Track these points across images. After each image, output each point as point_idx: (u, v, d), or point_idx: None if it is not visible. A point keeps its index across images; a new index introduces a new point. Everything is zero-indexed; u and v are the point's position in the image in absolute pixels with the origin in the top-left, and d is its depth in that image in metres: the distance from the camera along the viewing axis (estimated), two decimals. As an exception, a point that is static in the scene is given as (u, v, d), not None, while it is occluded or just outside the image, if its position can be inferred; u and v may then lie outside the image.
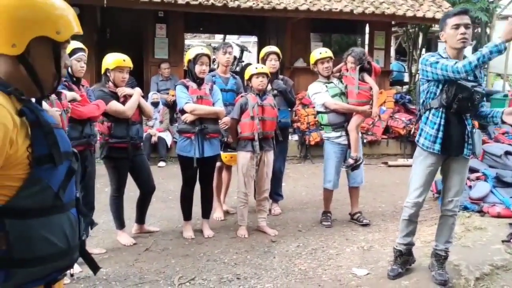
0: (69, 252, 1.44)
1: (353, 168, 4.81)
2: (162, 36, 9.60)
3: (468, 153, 3.36)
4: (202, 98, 4.34)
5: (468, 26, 3.23)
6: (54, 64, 1.42)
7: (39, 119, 1.34)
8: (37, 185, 1.33)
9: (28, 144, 1.31)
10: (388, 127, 9.14)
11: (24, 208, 1.31)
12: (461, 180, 3.49)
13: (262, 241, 4.45)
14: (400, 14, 9.49)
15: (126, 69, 4.11)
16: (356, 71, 4.77)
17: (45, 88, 1.43)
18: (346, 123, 4.78)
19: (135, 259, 3.98)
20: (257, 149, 4.44)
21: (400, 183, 6.84)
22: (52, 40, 1.39)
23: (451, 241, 3.57)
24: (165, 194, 5.93)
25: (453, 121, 3.32)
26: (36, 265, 1.34)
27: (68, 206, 1.44)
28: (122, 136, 4.10)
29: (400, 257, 3.69)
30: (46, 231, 1.36)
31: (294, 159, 8.32)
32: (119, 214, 4.32)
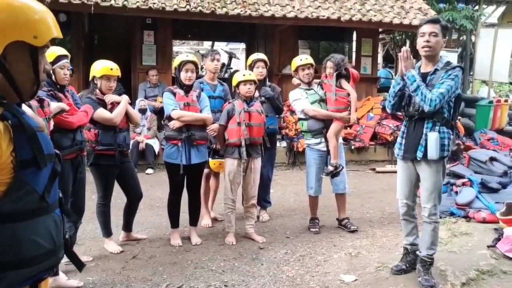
0: (55, 252, 1.47)
1: (333, 175, 4.82)
2: (150, 43, 9.59)
3: (420, 156, 3.44)
4: (189, 105, 4.34)
5: (434, 35, 3.36)
6: (32, 69, 1.42)
7: (22, 123, 1.35)
8: (22, 189, 1.34)
9: (12, 149, 1.31)
10: (375, 134, 9.21)
11: (10, 212, 1.32)
12: (429, 186, 3.52)
13: (250, 248, 4.44)
14: (386, 21, 9.59)
15: (114, 77, 4.10)
16: (333, 78, 4.80)
17: (24, 93, 1.43)
18: (325, 130, 4.80)
19: (122, 267, 3.95)
20: (244, 155, 4.45)
21: (388, 189, 6.89)
22: (30, 44, 1.38)
23: (433, 248, 3.60)
24: (153, 201, 5.90)
25: (411, 127, 3.54)
26: (24, 267, 1.36)
27: (53, 207, 1.46)
28: (109, 144, 4.08)
29: (406, 255, 3.81)
30: (33, 233, 1.37)
31: (282, 166, 8.34)
32: (105, 222, 4.29)
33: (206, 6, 8.60)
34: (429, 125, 3.43)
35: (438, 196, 3.55)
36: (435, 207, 3.54)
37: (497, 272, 3.73)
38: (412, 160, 3.56)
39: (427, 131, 3.42)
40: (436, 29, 3.37)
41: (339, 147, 4.87)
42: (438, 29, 3.38)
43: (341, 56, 5.05)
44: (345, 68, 4.85)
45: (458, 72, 3.37)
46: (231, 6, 8.82)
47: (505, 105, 11.04)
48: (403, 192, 3.72)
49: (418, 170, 3.57)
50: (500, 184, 5.44)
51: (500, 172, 5.72)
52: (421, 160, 3.48)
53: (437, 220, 3.57)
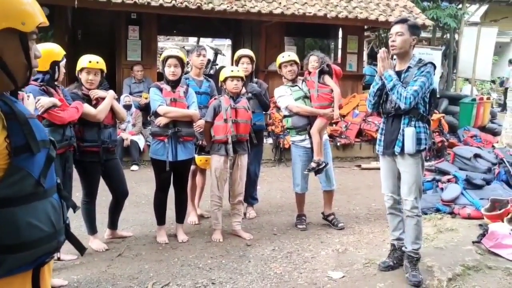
0: (55, 236, 1.51)
1: (316, 172, 4.81)
2: (135, 38, 9.49)
3: (398, 150, 3.53)
4: (176, 100, 4.28)
5: (400, 34, 3.51)
6: (24, 55, 1.46)
7: (13, 110, 1.40)
8: (18, 174, 1.39)
9: (6, 135, 1.36)
10: (361, 130, 9.24)
11: (7, 197, 1.36)
12: (409, 179, 3.55)
13: (237, 245, 4.41)
14: (372, 18, 9.64)
15: (94, 70, 4.01)
16: (315, 75, 4.80)
17: (18, 79, 1.47)
18: (309, 126, 4.80)
19: (107, 265, 3.89)
20: (231, 152, 4.41)
21: (374, 185, 6.92)
22: (19, 31, 1.42)
23: (418, 243, 3.62)
24: (138, 198, 5.83)
25: (388, 124, 3.65)
26: (24, 250, 1.40)
27: (50, 192, 1.51)
28: (93, 140, 4.01)
29: (394, 251, 3.83)
30: (31, 217, 1.41)
31: (268, 163, 8.33)
32: (91, 219, 4.22)
33: (192, 2, 8.53)
34: (406, 120, 3.52)
35: (419, 189, 3.58)
36: (416, 200, 3.57)
37: (482, 267, 3.75)
38: (392, 155, 3.63)
39: (404, 127, 3.51)
40: (403, 29, 3.50)
41: (324, 144, 4.86)
42: (405, 28, 3.50)
43: (322, 53, 5.06)
44: (327, 65, 4.85)
45: (430, 68, 3.47)
46: (217, 2, 8.75)
47: (488, 102, 11.21)
48: (387, 186, 3.78)
49: (398, 165, 3.63)
50: (484, 180, 5.49)
51: (484, 169, 5.77)
52: (399, 154, 3.56)
53: (419, 214, 3.59)
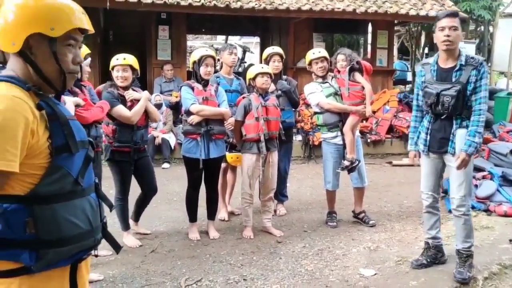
0: (92, 234, 1.57)
1: (349, 170, 4.78)
2: (164, 37, 9.61)
3: (451, 151, 3.43)
4: (208, 99, 4.33)
5: (454, 29, 3.32)
6: (54, 60, 1.50)
7: (55, 111, 1.46)
8: (58, 172, 1.45)
9: (48, 135, 1.43)
10: (392, 127, 9.12)
11: (48, 194, 1.43)
12: (459, 176, 3.46)
13: (268, 242, 4.43)
14: (402, 13, 9.48)
15: (123, 67, 4.06)
16: (345, 72, 4.76)
17: (55, 83, 1.53)
18: (340, 123, 4.76)
19: (141, 261, 3.97)
20: (264, 150, 4.43)
21: (405, 182, 6.83)
22: (48, 36, 1.47)
23: (469, 241, 3.53)
24: (170, 195, 5.92)
25: (437, 123, 3.51)
26: (62, 245, 1.46)
27: (88, 191, 1.57)
28: (126, 141, 4.08)
29: (427, 250, 3.77)
30: (69, 214, 1.48)
31: (298, 160, 8.31)
32: (124, 216, 4.31)
33: (221, 0, 8.58)
34: (458, 121, 3.41)
35: (469, 187, 3.49)
36: (465, 198, 3.46)
37: (520, 266, 3.67)
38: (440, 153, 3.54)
39: (456, 128, 3.41)
40: (456, 23, 3.33)
41: (356, 141, 4.83)
42: (457, 22, 3.35)
43: (349, 50, 5.02)
44: (356, 62, 4.81)
45: (485, 68, 3.39)
46: (246, 0, 8.77)
47: (525, 96, 10.86)
48: (428, 185, 3.68)
49: (448, 162, 3.52)
50: (521, 177, 5.34)
51: (521, 165, 5.62)
52: (450, 153, 3.46)
53: (466, 213, 3.49)
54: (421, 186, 3.74)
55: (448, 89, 3.36)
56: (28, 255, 1.41)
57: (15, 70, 1.48)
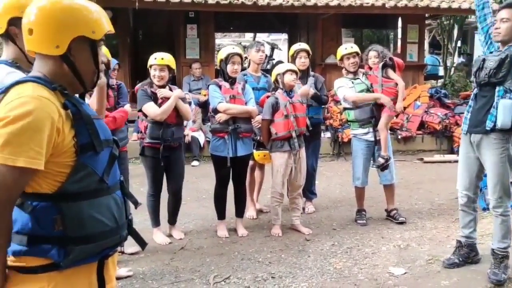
0: (118, 230, 1.60)
1: (383, 168, 4.73)
2: (193, 36, 9.68)
3: (490, 125, 3.28)
4: (235, 97, 4.34)
5: (504, 20, 3.24)
6: (93, 61, 1.58)
7: (80, 111, 1.50)
8: (83, 170, 1.49)
9: (73, 134, 1.47)
10: (423, 123, 8.94)
11: (74, 192, 1.47)
12: (492, 176, 3.35)
13: (296, 240, 4.42)
14: (434, 6, 9.27)
15: (161, 67, 4.11)
16: (378, 69, 4.70)
17: (87, 83, 1.59)
18: (373, 119, 4.70)
19: (170, 258, 4.02)
20: (297, 146, 4.43)
21: (437, 179, 6.70)
22: (89, 39, 1.53)
23: (505, 242, 3.43)
24: (199, 193, 5.97)
25: (479, 97, 3.41)
26: (89, 242, 1.50)
27: (113, 189, 1.60)
28: (156, 137, 4.14)
29: (460, 248, 3.69)
30: (95, 211, 1.51)
31: (327, 157, 8.24)
32: (154, 212, 4.36)
33: (248, -2, 8.58)
34: (500, 92, 3.27)
35: (504, 188, 3.36)
36: (501, 200, 3.37)
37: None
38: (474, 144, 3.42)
39: (498, 99, 3.26)
40: (509, 14, 3.23)
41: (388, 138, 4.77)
42: (508, 14, 3.23)
43: (381, 46, 4.95)
44: (389, 58, 4.74)
45: None
46: (273, -3, 8.75)
47: None
48: (463, 183, 3.59)
49: (482, 159, 3.42)
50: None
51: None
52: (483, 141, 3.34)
53: (504, 213, 3.38)
54: (457, 184, 3.65)
55: (495, 56, 3.29)
56: (56, 251, 1.45)
57: (44, 70, 1.52)
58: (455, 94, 11.33)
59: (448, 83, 12.50)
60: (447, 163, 7.71)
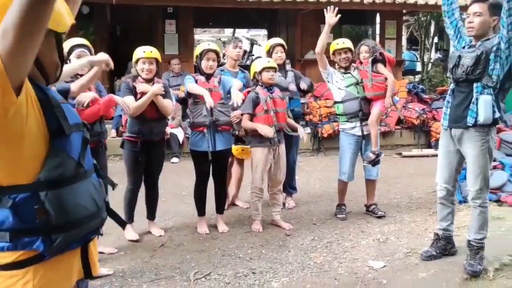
0: (98, 213, 1.62)
1: (374, 164, 4.77)
2: (171, 32, 9.60)
3: (471, 121, 3.33)
4: (212, 90, 4.32)
5: (478, 14, 3.29)
6: (57, 54, 1.57)
7: (48, 96, 1.49)
8: (59, 156, 1.48)
9: (44, 119, 1.45)
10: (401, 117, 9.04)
11: (53, 179, 1.45)
12: (475, 168, 3.40)
13: (276, 235, 4.43)
14: (411, 2, 9.37)
15: (149, 60, 4.08)
16: (368, 64, 4.73)
17: (50, 76, 1.57)
18: (360, 112, 4.73)
19: (150, 256, 3.99)
20: (276, 141, 4.43)
21: (415, 173, 6.79)
22: (54, 31, 1.51)
23: (482, 233, 3.48)
24: (179, 189, 5.94)
25: (457, 93, 3.45)
26: (73, 228, 1.50)
27: (89, 172, 1.62)
28: (134, 132, 4.15)
29: (437, 241, 3.74)
30: (76, 197, 1.52)
31: (307, 152, 8.29)
32: (130, 207, 4.31)
33: (227, -7, 8.55)
34: (478, 88, 3.31)
35: (485, 180, 3.42)
36: (481, 191, 3.42)
37: (532, 257, 3.62)
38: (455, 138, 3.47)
39: (477, 95, 3.30)
40: (481, 9, 3.28)
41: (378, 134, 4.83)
42: (484, 8, 3.28)
43: (373, 41, 4.99)
44: (380, 53, 4.78)
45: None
46: (252, -8, 8.73)
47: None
48: (443, 177, 3.63)
49: (463, 151, 3.46)
50: (533, 166, 5.28)
51: (533, 154, 5.55)
52: (464, 135, 3.39)
53: (482, 205, 3.44)
54: (437, 177, 3.70)
55: (470, 52, 3.33)
56: (41, 242, 1.44)
57: None
58: (432, 89, 11.50)
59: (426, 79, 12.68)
60: (425, 158, 7.83)
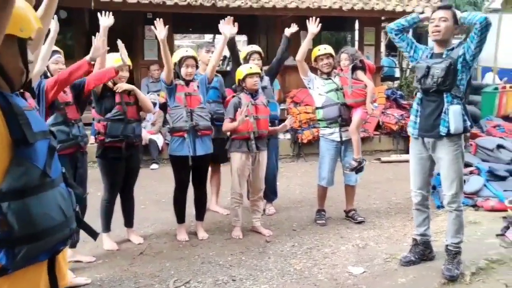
0: (67, 223, 1.57)
1: (357, 171, 4.81)
2: (151, 37, 9.51)
3: (444, 131, 3.40)
4: (191, 94, 4.31)
5: (444, 20, 3.39)
6: (21, 59, 1.52)
7: (11, 104, 1.45)
8: (23, 165, 1.43)
9: (6, 128, 1.41)
10: (380, 123, 9.14)
11: (17, 189, 1.41)
12: (450, 173, 3.46)
13: (257, 241, 4.42)
14: (389, 9, 9.50)
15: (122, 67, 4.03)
16: (348, 71, 4.77)
17: (14, 83, 1.52)
18: (339, 118, 4.77)
19: (129, 264, 3.94)
20: (254, 148, 4.42)
21: (394, 179, 6.86)
22: (17, 37, 1.48)
23: (458, 237, 3.53)
24: (158, 196, 5.88)
25: (426, 102, 3.50)
26: (38, 239, 1.45)
27: (57, 181, 1.57)
28: (117, 135, 4.03)
29: (415, 246, 3.78)
30: (42, 207, 1.47)
31: (287, 158, 8.31)
32: (107, 217, 4.26)
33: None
34: (448, 99, 3.39)
35: (460, 184, 3.49)
36: (457, 195, 3.48)
37: (507, 260, 3.68)
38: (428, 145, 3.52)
39: (448, 105, 3.38)
40: (447, 15, 3.39)
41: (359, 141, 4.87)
42: (449, 15, 3.39)
43: (354, 49, 5.05)
44: (360, 60, 4.83)
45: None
46: (232, -2, 8.75)
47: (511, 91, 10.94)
48: (417, 183, 3.68)
49: (437, 153, 3.51)
50: (508, 172, 5.38)
51: (508, 160, 5.66)
52: (438, 140, 3.45)
53: (458, 208, 3.51)
54: (411, 184, 3.74)
55: (439, 63, 3.40)
56: (4, 254, 1.39)
57: None
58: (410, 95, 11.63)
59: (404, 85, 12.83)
60: (403, 163, 7.88)
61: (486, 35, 3.27)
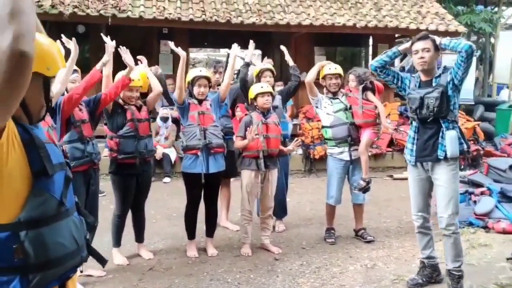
0: (78, 252, 1.62)
1: (364, 191, 4.82)
2: (166, 52, 9.68)
3: (442, 155, 3.46)
4: (204, 113, 4.38)
5: (427, 50, 3.49)
6: (43, 96, 1.58)
7: (32, 137, 1.50)
8: (41, 196, 1.48)
9: (26, 160, 1.46)
10: (392, 140, 9.13)
11: (34, 218, 1.45)
12: (447, 193, 3.48)
13: (265, 259, 4.44)
14: (403, 27, 9.54)
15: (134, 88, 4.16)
16: (359, 91, 4.81)
17: (34, 117, 1.57)
18: (349, 138, 4.79)
19: (139, 279, 3.99)
20: (262, 167, 4.46)
21: (406, 197, 6.70)
22: (43, 75, 1.53)
23: (459, 260, 3.53)
24: (170, 211, 5.93)
25: (423, 129, 3.57)
26: (52, 267, 1.50)
27: (71, 211, 1.62)
28: (130, 152, 4.11)
29: (423, 268, 3.78)
30: (57, 236, 1.52)
31: (298, 173, 8.33)
32: (118, 232, 4.32)
33: (222, 16, 8.67)
34: (446, 124, 3.47)
35: (455, 204, 3.50)
36: (453, 216, 3.49)
37: (517, 285, 3.66)
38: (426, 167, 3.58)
39: (445, 130, 3.46)
40: (428, 45, 3.50)
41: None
42: (430, 44, 3.50)
43: (363, 70, 5.08)
44: (370, 82, 4.87)
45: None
46: (246, 15, 8.86)
47: (526, 109, 10.85)
48: (417, 206, 3.71)
49: (434, 175, 3.55)
50: (520, 193, 5.33)
51: (521, 181, 5.61)
52: (436, 163, 3.50)
53: (455, 231, 3.51)
54: (412, 208, 3.76)
55: (431, 92, 3.48)
56: (18, 281, 1.43)
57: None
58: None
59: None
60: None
61: (472, 61, 3.42)
